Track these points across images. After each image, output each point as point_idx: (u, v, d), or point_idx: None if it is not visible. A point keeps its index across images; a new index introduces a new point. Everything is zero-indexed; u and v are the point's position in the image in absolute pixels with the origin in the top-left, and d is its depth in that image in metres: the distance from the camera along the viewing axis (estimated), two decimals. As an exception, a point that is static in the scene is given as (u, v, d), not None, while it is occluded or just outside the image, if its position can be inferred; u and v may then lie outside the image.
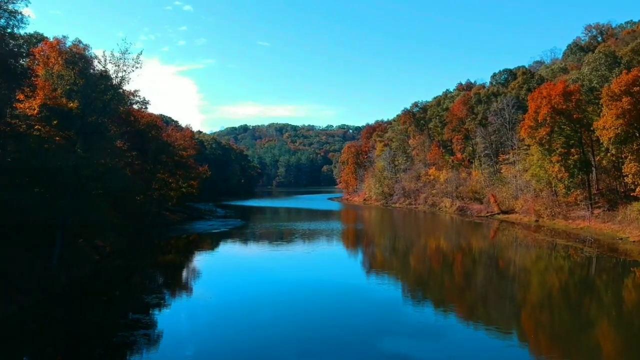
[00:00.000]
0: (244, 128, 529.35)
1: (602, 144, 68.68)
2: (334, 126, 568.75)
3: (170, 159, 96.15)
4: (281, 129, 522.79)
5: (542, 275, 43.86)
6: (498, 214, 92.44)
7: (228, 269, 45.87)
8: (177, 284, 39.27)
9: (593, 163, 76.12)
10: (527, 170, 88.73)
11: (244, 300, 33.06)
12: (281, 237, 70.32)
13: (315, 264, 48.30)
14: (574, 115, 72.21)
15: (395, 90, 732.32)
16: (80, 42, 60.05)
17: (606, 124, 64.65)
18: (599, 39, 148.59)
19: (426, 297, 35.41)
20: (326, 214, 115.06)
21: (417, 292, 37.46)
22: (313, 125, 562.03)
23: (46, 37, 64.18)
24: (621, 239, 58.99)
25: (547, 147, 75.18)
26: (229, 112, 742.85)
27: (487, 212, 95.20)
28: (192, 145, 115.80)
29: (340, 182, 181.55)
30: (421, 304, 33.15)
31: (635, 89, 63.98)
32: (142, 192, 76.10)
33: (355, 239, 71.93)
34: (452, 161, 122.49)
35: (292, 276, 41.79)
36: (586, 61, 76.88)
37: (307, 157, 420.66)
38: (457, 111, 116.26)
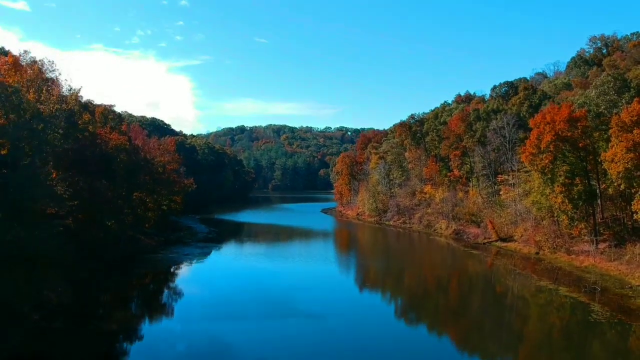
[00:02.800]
0: (241, 129, 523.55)
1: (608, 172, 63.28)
2: (333, 128, 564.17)
3: (148, 177, 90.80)
4: (279, 130, 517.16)
5: None
6: (496, 241, 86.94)
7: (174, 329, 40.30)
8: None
9: (599, 193, 70.66)
10: (527, 194, 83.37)
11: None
12: (261, 277, 64.53)
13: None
14: (580, 144, 66.65)
15: (396, 92, 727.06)
16: (35, 61, 54.54)
17: (615, 157, 59.20)
18: (604, 51, 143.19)
19: None
20: (316, 236, 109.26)
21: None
22: (311, 127, 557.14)
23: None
24: (631, 287, 53.42)
25: (549, 175, 69.60)
26: (226, 109, 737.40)
27: (485, 239, 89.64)
28: (175, 159, 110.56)
29: (335, 193, 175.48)
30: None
31: (648, 119, 58.57)
32: (113, 217, 70.63)
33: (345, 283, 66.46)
34: (449, 178, 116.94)
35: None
36: (593, 84, 71.30)
37: (304, 160, 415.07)
38: (455, 127, 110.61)
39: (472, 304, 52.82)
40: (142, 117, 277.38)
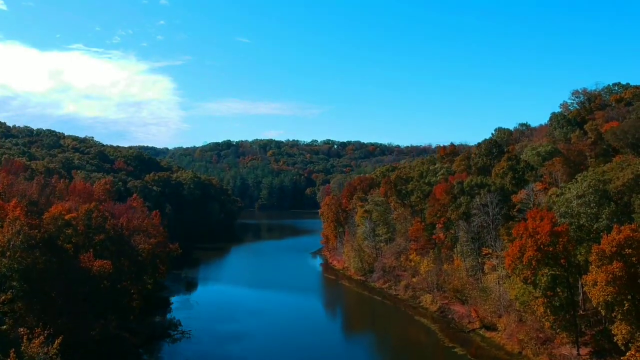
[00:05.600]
0: (227, 144, 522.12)
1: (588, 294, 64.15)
2: (319, 141, 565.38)
3: (134, 266, 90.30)
4: (265, 145, 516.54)
5: None
6: (480, 328, 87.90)
7: None
8: None
9: (581, 305, 71.72)
10: (510, 277, 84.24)
11: None
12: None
13: None
14: (562, 260, 67.50)
15: (382, 95, 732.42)
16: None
17: (596, 284, 60.08)
18: (587, 104, 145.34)
19: None
20: (300, 309, 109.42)
21: None
22: (297, 141, 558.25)
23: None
24: None
25: (531, 285, 70.40)
26: (211, 109, 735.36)
27: (469, 322, 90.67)
28: (160, 232, 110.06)
29: (322, 238, 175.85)
30: None
31: (628, 250, 59.49)
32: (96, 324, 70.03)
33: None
34: (434, 240, 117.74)
35: None
36: (575, 193, 72.03)
37: (291, 179, 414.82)
38: (440, 196, 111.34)
39: None
40: (128, 149, 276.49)
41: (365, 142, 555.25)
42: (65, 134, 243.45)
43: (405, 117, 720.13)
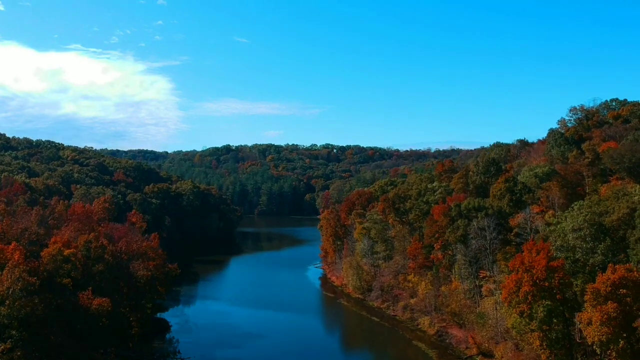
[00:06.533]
0: (227, 149, 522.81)
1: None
2: (319, 145, 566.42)
3: (132, 291, 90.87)
4: (264, 150, 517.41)
5: None
6: (477, 355, 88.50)
7: None
8: None
9: (577, 334, 72.09)
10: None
11: None
12: None
13: None
14: (557, 296, 67.93)
15: (382, 95, 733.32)
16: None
17: (591, 324, 60.57)
18: (585, 121, 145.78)
19: None
20: (296, 329, 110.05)
21: None
22: (297, 145, 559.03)
23: None
24: None
25: (527, 319, 70.81)
26: (210, 109, 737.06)
27: (466, 348, 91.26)
28: (159, 255, 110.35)
29: (320, 252, 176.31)
30: None
31: (622, 291, 59.98)
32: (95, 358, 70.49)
33: None
34: (432, 260, 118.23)
35: None
36: (571, 226, 72.46)
37: (290, 185, 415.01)
38: (438, 218, 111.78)
39: None
40: (128, 160, 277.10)
41: (365, 146, 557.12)
42: (65, 144, 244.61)
43: (405, 120, 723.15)
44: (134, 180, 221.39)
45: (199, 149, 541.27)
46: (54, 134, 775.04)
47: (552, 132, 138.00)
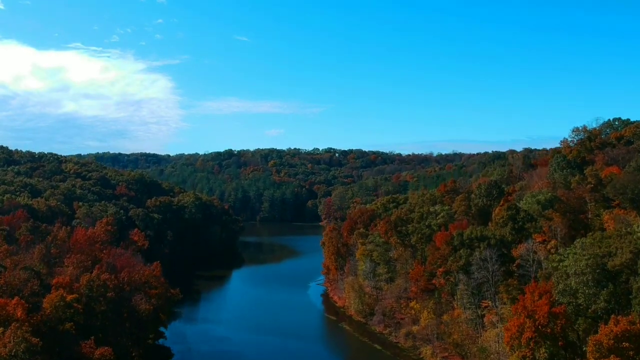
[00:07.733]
0: (229, 153, 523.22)
1: None
2: (320, 149, 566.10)
3: (135, 327, 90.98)
4: (266, 155, 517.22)
5: None
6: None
7: None
8: None
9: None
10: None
11: None
12: None
13: None
14: (560, 342, 67.84)
15: (382, 95, 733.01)
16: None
17: (593, 376, 60.49)
18: (587, 142, 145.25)
19: None
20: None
21: None
22: (299, 149, 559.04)
23: None
24: None
25: (530, 363, 70.70)
26: (211, 108, 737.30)
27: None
28: (161, 283, 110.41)
29: (323, 268, 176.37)
30: None
31: (625, 344, 59.81)
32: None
33: None
34: (435, 285, 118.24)
35: None
36: (573, 270, 72.26)
37: (292, 191, 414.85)
38: (440, 246, 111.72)
39: None
40: (130, 172, 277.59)
41: (367, 150, 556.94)
42: (67, 156, 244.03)
43: (406, 119, 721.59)
44: (136, 193, 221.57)
45: (200, 147, 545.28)
46: (55, 133, 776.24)
47: (554, 154, 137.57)
